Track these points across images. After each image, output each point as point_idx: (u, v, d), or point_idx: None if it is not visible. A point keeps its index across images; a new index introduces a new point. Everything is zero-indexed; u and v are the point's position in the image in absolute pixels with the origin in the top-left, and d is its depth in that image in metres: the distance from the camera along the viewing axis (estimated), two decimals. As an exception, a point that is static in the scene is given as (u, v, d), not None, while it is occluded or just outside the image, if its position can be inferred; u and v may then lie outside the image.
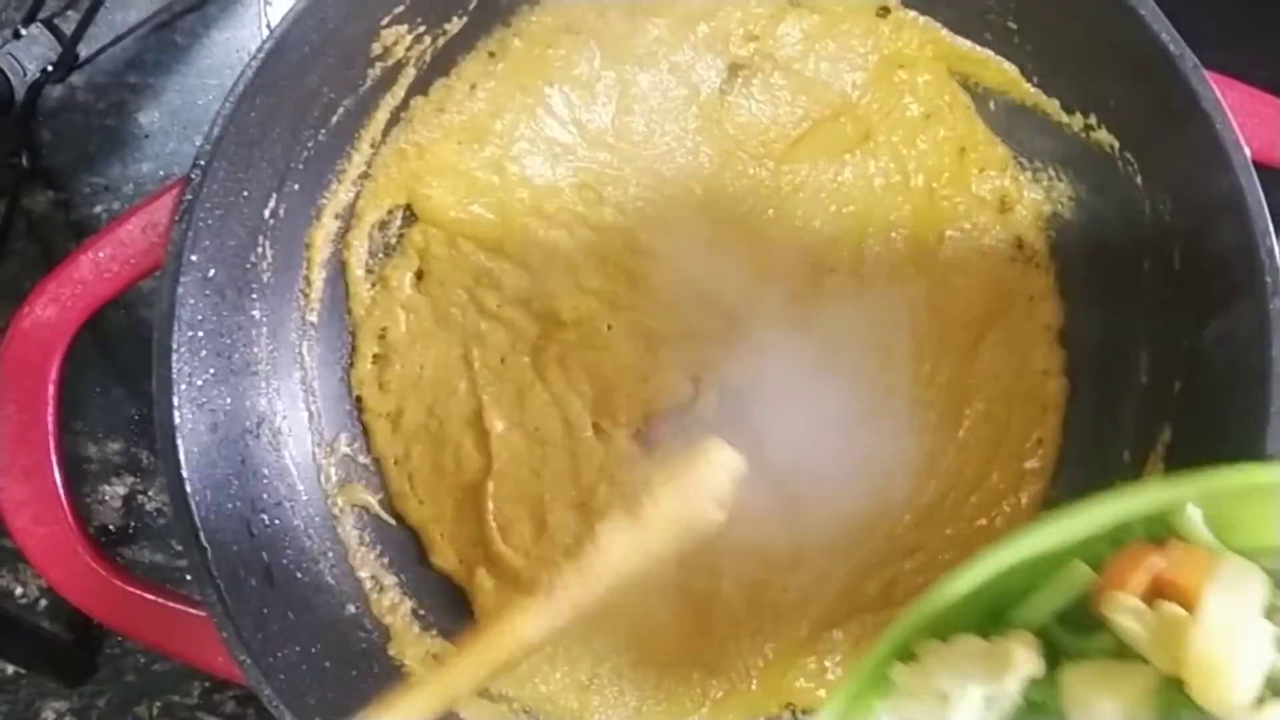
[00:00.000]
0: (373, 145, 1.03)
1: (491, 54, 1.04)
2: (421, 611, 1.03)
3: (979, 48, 1.02)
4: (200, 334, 0.91)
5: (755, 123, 1.06)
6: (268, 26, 1.13)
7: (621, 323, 1.03)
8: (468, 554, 1.03)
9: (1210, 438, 0.90)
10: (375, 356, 1.05)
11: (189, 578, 0.89)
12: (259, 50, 0.88)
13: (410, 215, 1.06)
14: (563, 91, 1.05)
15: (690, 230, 1.03)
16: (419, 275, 1.05)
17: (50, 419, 0.92)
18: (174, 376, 0.89)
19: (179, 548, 1.11)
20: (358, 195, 1.04)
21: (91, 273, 0.92)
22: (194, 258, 0.89)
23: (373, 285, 1.05)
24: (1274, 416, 0.82)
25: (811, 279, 1.03)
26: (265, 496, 0.98)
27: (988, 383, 1.04)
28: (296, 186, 0.98)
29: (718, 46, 1.06)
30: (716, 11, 1.05)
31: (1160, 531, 0.69)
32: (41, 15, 1.11)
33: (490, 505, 1.02)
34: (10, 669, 1.12)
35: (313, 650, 0.94)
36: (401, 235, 1.06)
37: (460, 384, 1.04)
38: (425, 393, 1.05)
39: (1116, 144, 0.96)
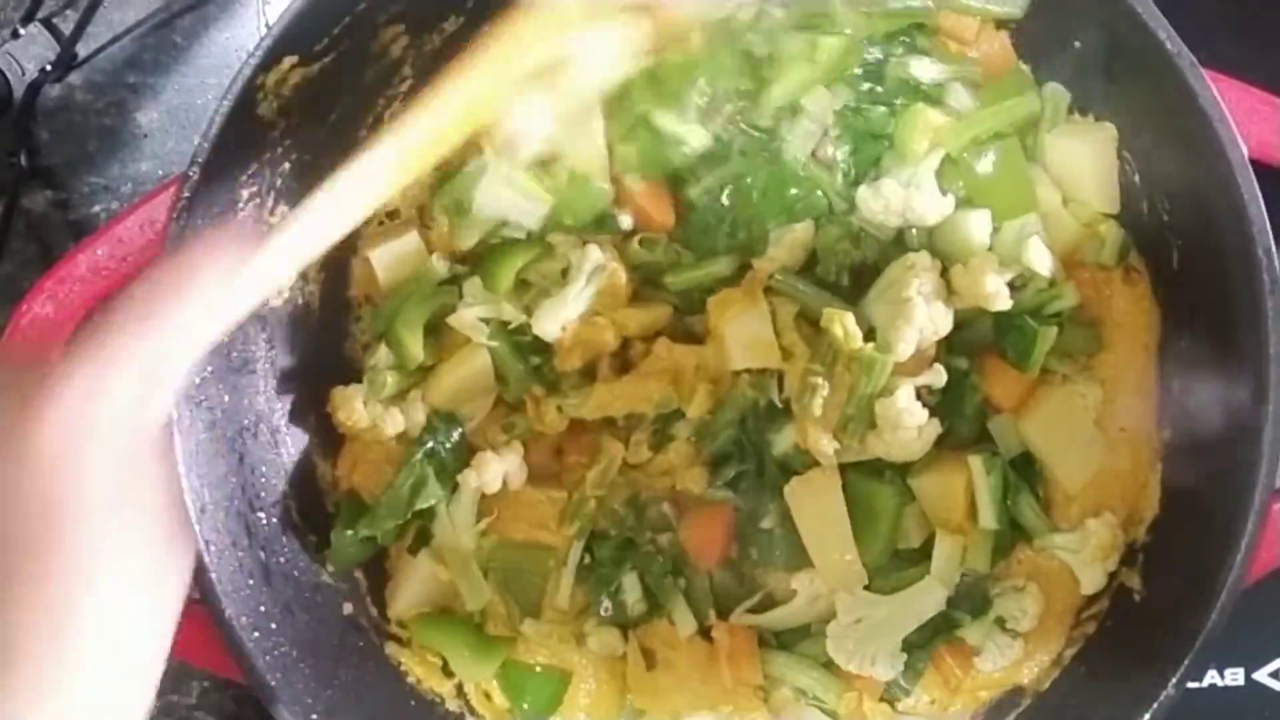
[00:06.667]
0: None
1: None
2: (419, 611, 1.03)
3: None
4: (198, 332, 0.91)
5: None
6: (266, 26, 1.13)
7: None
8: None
9: (1209, 436, 0.90)
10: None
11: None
12: (257, 49, 0.88)
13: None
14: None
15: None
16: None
17: (48, 418, 0.92)
18: (172, 375, 0.89)
19: (177, 547, 1.11)
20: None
21: (90, 271, 0.92)
22: (192, 256, 0.89)
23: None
24: (1272, 415, 0.82)
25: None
26: (263, 495, 0.98)
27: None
28: (295, 185, 0.98)
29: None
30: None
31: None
32: (40, 15, 1.11)
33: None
34: (9, 668, 1.12)
35: (310, 649, 0.94)
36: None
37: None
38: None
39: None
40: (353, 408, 0.99)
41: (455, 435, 1.00)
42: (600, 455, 1.00)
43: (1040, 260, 0.94)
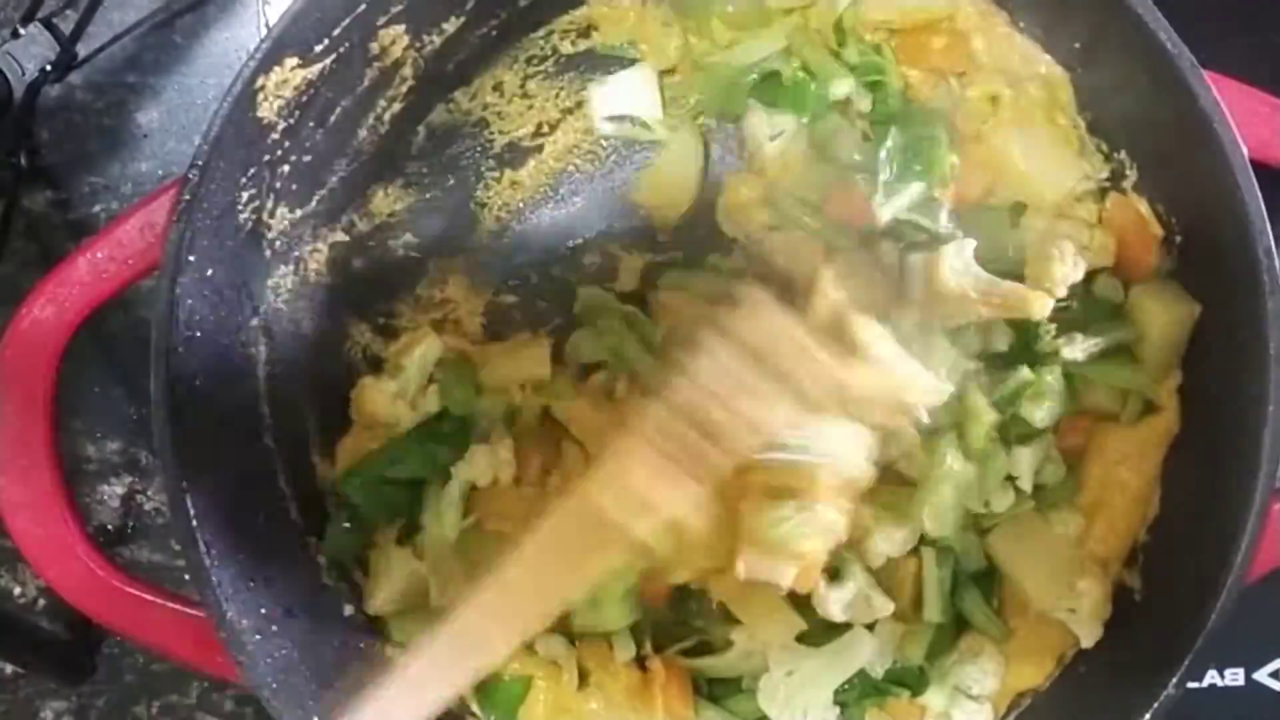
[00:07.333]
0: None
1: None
2: (419, 611, 1.03)
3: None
4: (199, 334, 0.91)
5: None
6: (266, 26, 1.13)
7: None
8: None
9: (1208, 436, 0.90)
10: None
11: (187, 578, 0.89)
12: (257, 50, 0.88)
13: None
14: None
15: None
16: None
17: (48, 419, 0.92)
18: (173, 377, 0.89)
19: (178, 548, 1.10)
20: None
21: (89, 273, 0.92)
22: (192, 258, 0.89)
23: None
24: (1271, 415, 0.82)
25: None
26: (263, 498, 0.98)
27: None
28: (295, 187, 0.98)
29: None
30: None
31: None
32: (40, 14, 1.11)
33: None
34: (9, 669, 1.12)
35: (310, 651, 0.94)
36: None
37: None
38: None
39: (1114, 143, 0.96)
40: (376, 399, 0.99)
41: (454, 426, 1.00)
42: (562, 459, 1.00)
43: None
